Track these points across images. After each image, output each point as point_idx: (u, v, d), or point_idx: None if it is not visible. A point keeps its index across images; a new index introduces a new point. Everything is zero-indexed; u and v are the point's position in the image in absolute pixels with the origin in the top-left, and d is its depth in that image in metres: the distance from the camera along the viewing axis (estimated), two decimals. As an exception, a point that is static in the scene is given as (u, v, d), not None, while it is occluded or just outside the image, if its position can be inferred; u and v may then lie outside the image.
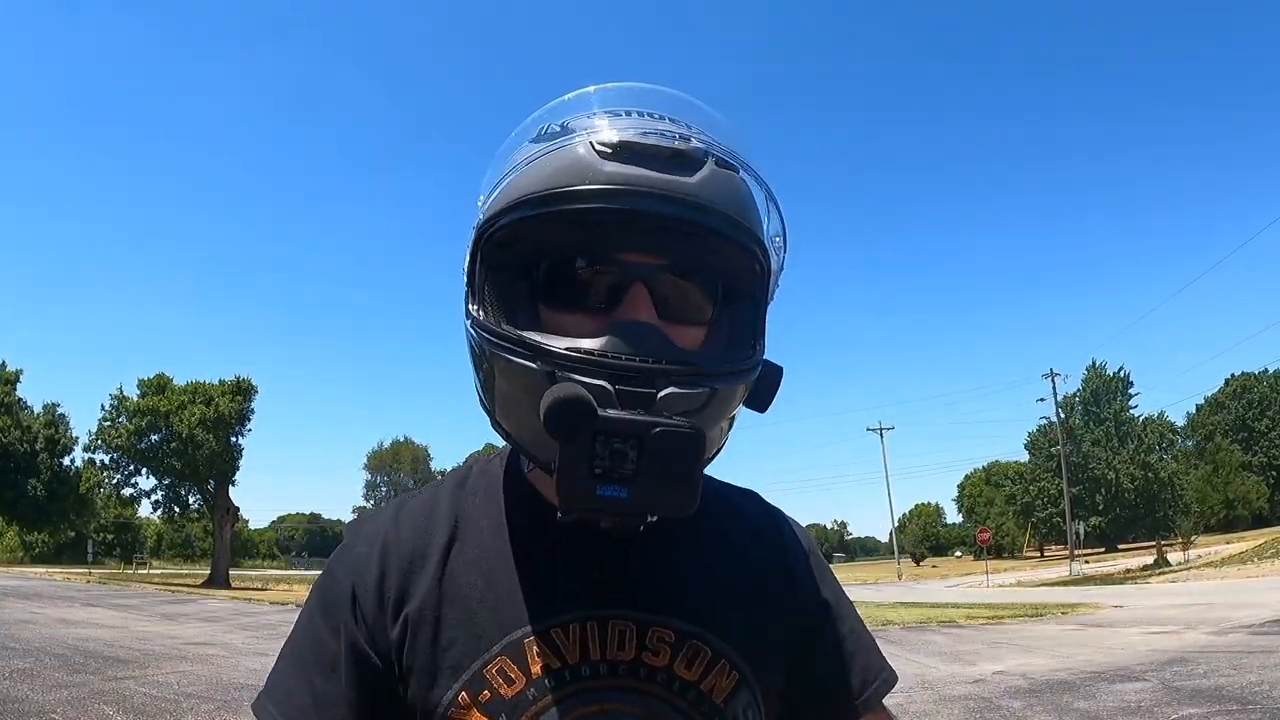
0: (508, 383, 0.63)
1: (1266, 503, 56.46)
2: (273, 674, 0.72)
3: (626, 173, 0.61)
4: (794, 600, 0.78)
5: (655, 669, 0.68)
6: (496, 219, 0.64)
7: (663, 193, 0.61)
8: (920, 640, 12.39)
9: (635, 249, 0.64)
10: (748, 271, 0.67)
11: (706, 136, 0.65)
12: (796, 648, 0.77)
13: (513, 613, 0.68)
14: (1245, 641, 9.78)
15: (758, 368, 0.67)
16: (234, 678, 8.27)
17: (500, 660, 0.67)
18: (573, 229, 0.63)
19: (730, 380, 0.63)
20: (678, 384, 0.59)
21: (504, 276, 0.66)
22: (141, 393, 35.99)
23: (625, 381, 0.58)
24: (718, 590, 0.73)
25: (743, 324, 0.69)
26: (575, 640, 0.68)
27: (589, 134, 0.63)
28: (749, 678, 0.71)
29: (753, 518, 0.81)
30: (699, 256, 0.66)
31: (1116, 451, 52.39)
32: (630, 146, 0.61)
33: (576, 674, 0.67)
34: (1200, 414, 64.43)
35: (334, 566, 0.74)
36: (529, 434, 0.63)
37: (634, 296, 0.64)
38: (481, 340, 0.64)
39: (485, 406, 0.69)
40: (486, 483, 0.77)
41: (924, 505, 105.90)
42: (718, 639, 0.71)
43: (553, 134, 0.65)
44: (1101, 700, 6.71)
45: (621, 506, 0.56)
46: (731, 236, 0.64)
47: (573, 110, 0.67)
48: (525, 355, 0.60)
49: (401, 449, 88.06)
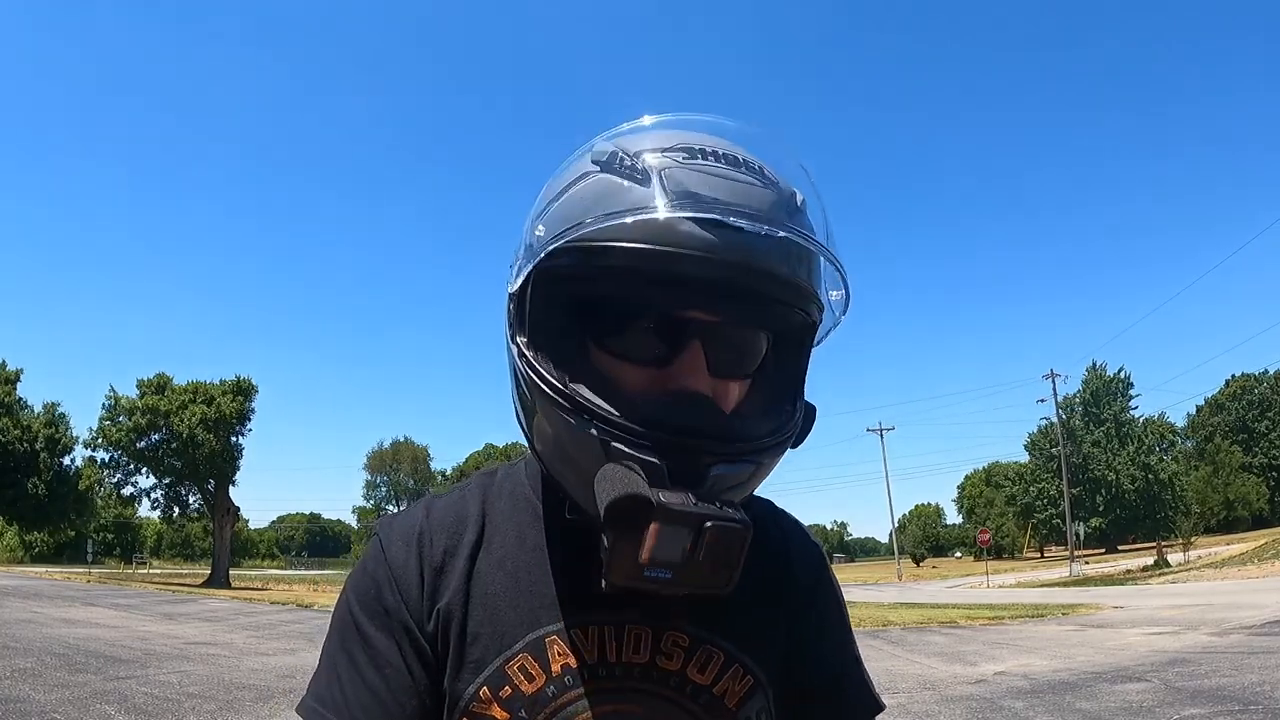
0: (551, 426, 0.64)
1: (1266, 503, 56.52)
2: (317, 676, 0.72)
3: (699, 238, 0.59)
4: (798, 608, 0.79)
5: (669, 673, 0.70)
6: (559, 256, 0.62)
7: (736, 260, 0.59)
8: (921, 641, 12.38)
9: (697, 307, 0.63)
10: (800, 325, 0.68)
11: (777, 189, 0.63)
12: (797, 651, 0.77)
13: (536, 612, 0.70)
14: (1246, 642, 9.79)
15: (798, 428, 0.68)
16: (235, 677, 8.27)
17: (522, 657, 0.68)
18: (637, 281, 0.61)
19: (775, 452, 0.65)
20: (727, 461, 0.61)
21: (556, 311, 0.65)
22: (141, 392, 35.99)
23: (677, 460, 0.59)
24: (732, 598, 0.73)
25: (788, 375, 0.70)
26: (594, 641, 0.69)
27: (665, 182, 0.60)
28: (763, 682, 0.73)
29: (766, 525, 0.82)
30: (758, 317, 0.66)
31: (1117, 452, 52.48)
32: (708, 204, 0.59)
33: (594, 674, 0.68)
34: (1200, 415, 64.51)
35: (373, 568, 0.73)
36: (568, 475, 0.65)
37: (691, 356, 0.63)
38: (530, 377, 0.64)
39: (522, 426, 0.71)
40: (511, 487, 0.78)
41: (924, 506, 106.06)
42: (731, 644, 0.72)
43: (626, 168, 0.62)
44: (1103, 701, 6.71)
45: (666, 587, 0.58)
46: (793, 303, 0.65)
47: (646, 142, 0.64)
48: (578, 418, 0.60)
49: (401, 449, 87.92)
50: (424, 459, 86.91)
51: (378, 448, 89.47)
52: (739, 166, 0.63)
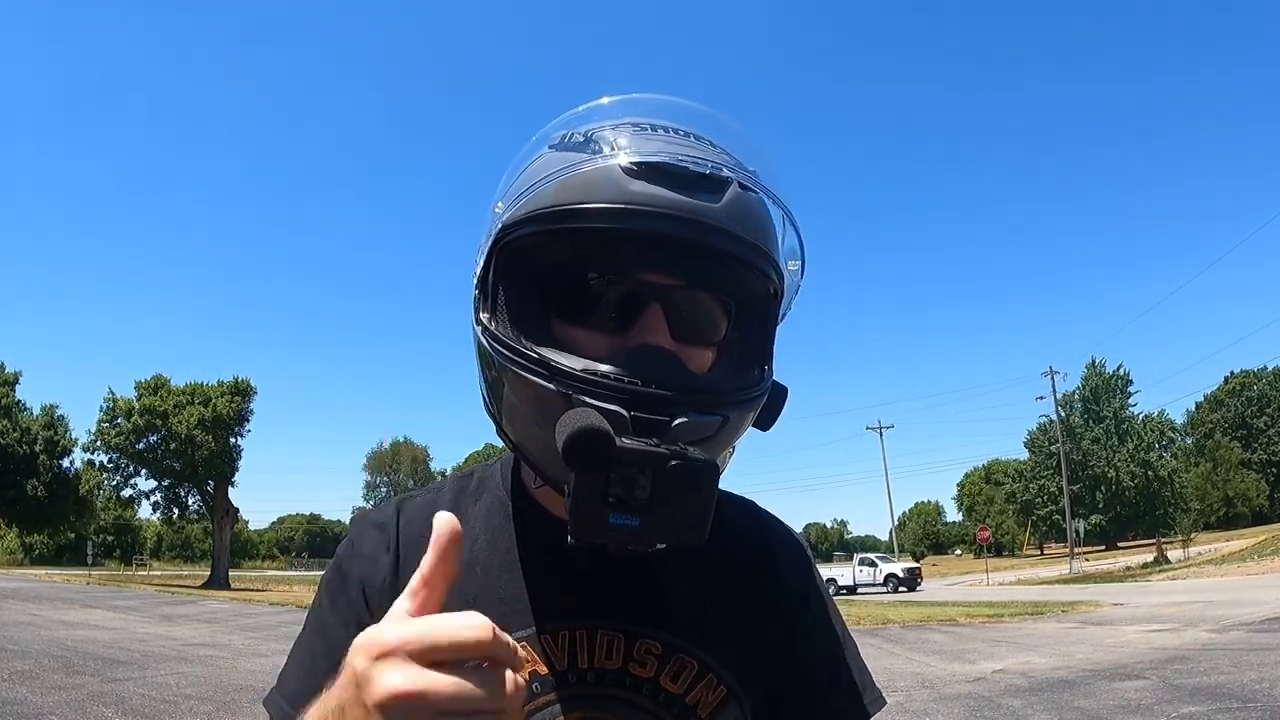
0: (519, 397, 0.63)
1: (1266, 500, 56.57)
2: (284, 670, 0.72)
3: (652, 194, 0.60)
4: (791, 611, 0.78)
5: (641, 680, 0.69)
6: (516, 228, 0.64)
7: (688, 216, 0.60)
8: (920, 639, 12.39)
9: (654, 269, 0.63)
10: (762, 294, 0.68)
11: (730, 156, 0.65)
12: (793, 653, 0.76)
13: (507, 617, 0.68)
14: (1245, 639, 9.79)
15: (766, 393, 0.67)
16: (233, 679, 8.26)
17: None
18: (593, 245, 0.62)
19: (742, 408, 0.64)
20: (691, 412, 0.59)
21: (518, 285, 0.65)
22: (139, 394, 35.98)
23: (640, 408, 0.58)
24: (707, 604, 0.73)
25: (753, 345, 0.69)
26: (564, 648, 0.68)
27: (615, 149, 0.62)
28: (737, 692, 0.71)
29: (744, 528, 0.81)
30: (716, 279, 0.65)
31: (1116, 449, 52.50)
32: (657, 168, 0.61)
33: (564, 681, 0.68)
34: (1200, 411, 64.55)
35: (342, 564, 0.75)
36: (537, 448, 0.64)
37: (650, 318, 0.63)
38: (494, 350, 0.64)
39: (490, 411, 0.69)
40: (486, 489, 0.77)
41: (924, 504, 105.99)
42: (705, 653, 0.71)
43: (576, 144, 0.64)
44: (1102, 698, 6.71)
45: (633, 536, 0.56)
46: (751, 262, 0.64)
47: (596, 120, 0.67)
48: (542, 375, 0.60)
49: (401, 449, 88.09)
50: (424, 459, 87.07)
51: (377, 448, 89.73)
52: (690, 136, 0.65)
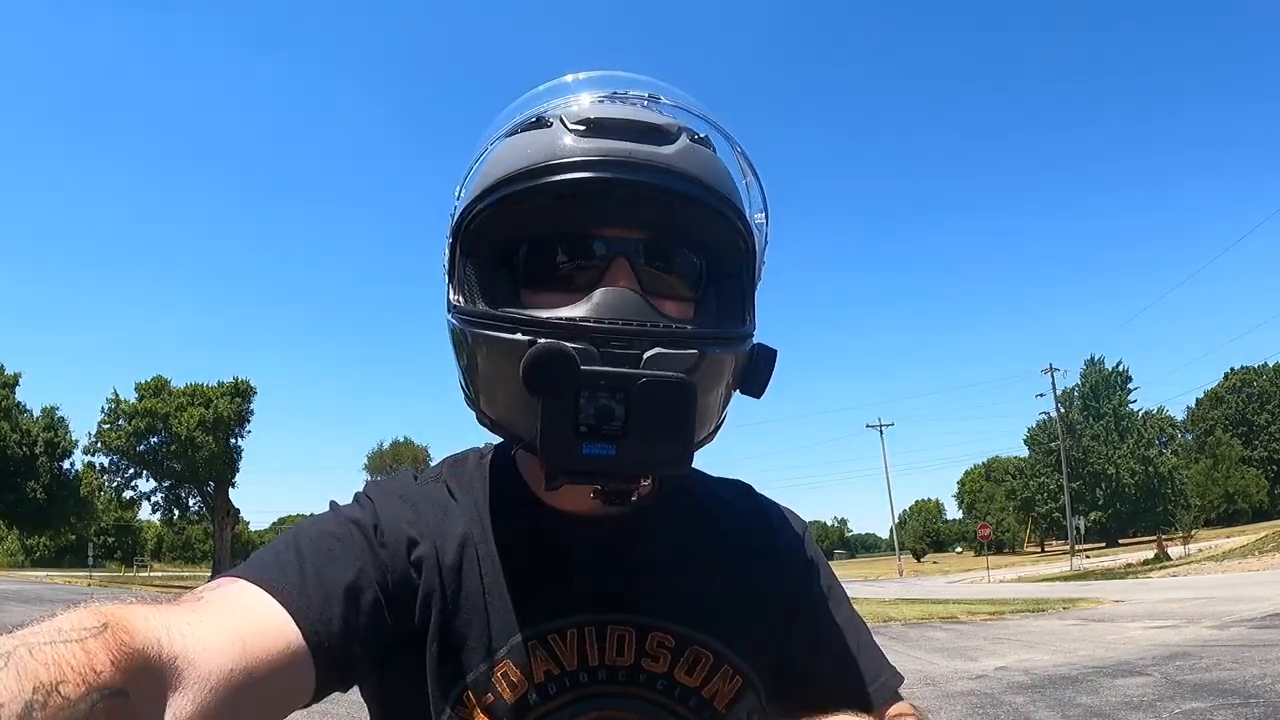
0: (490, 363, 0.61)
1: (1266, 496, 56.47)
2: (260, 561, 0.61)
3: (599, 145, 0.60)
4: (779, 581, 0.75)
5: (655, 675, 0.67)
6: (472, 206, 0.64)
7: (637, 161, 0.60)
8: (922, 636, 12.37)
9: (613, 222, 0.62)
10: (730, 245, 0.66)
11: (685, 114, 0.66)
12: (785, 629, 0.74)
13: (517, 617, 0.67)
14: (1247, 635, 9.77)
15: (748, 340, 0.65)
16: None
17: (505, 664, 0.65)
18: (549, 209, 0.62)
19: (718, 345, 0.61)
20: (664, 344, 0.57)
21: (483, 264, 0.64)
22: (139, 395, 35.99)
23: (610, 345, 0.56)
24: (717, 593, 0.72)
25: (730, 301, 0.67)
26: (574, 646, 0.67)
27: (562, 115, 0.63)
28: (753, 680, 0.70)
29: (742, 511, 0.79)
30: (679, 228, 0.64)
31: (1116, 446, 52.51)
32: (602, 123, 0.61)
33: (575, 680, 0.66)
34: (1200, 408, 64.45)
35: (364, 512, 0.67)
36: (514, 411, 0.60)
37: (616, 269, 0.62)
38: (463, 324, 0.62)
39: (469, 398, 0.67)
40: (487, 480, 0.74)
41: (924, 501, 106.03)
42: (719, 644, 0.69)
43: (528, 124, 0.65)
44: (1104, 695, 6.70)
45: (610, 465, 0.53)
46: (709, 204, 0.63)
47: (546, 99, 0.67)
48: (507, 328, 0.59)
49: (401, 449, 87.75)
50: (424, 459, 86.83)
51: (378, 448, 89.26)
52: (638, 101, 0.66)
